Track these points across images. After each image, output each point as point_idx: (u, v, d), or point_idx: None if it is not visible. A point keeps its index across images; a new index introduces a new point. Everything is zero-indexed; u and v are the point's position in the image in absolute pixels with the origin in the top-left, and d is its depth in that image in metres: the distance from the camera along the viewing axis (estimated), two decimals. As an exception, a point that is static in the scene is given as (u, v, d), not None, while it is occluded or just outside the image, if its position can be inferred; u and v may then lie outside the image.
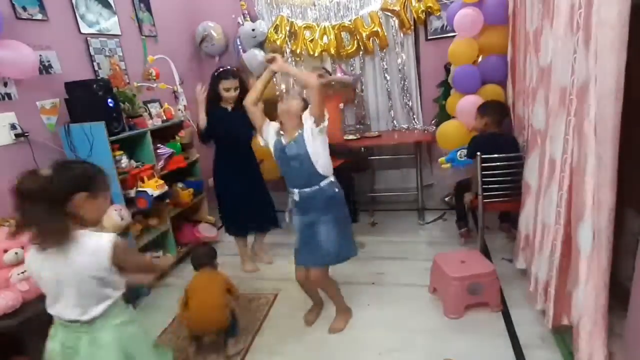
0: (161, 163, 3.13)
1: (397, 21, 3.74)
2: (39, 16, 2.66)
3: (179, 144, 3.37)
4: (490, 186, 2.69)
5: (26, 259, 1.34)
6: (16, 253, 2.06)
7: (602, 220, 1.57)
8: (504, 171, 2.62)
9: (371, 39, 3.81)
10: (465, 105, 3.11)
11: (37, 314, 2.03)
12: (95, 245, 1.23)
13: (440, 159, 3.16)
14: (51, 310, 1.33)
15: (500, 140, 2.72)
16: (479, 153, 2.65)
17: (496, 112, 2.80)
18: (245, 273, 3.11)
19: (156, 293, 2.94)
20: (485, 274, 2.29)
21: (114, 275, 1.29)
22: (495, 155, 2.64)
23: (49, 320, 1.38)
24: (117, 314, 1.34)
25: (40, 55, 2.61)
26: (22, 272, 2.07)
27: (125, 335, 1.34)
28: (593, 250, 1.61)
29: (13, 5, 2.49)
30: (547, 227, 2.00)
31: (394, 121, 4.03)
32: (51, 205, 1.19)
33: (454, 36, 3.39)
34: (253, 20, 3.99)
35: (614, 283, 1.68)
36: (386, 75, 3.93)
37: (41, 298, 2.09)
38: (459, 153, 2.92)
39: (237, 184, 2.92)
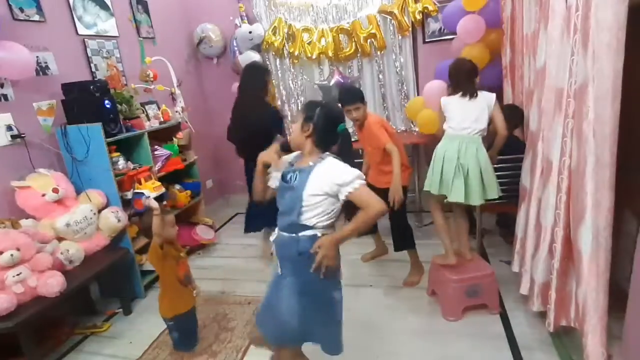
0: (158, 165, 3.12)
1: (394, 23, 3.75)
2: (36, 17, 2.65)
3: (176, 145, 3.36)
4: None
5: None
6: (12, 255, 2.05)
7: (600, 221, 1.57)
8: (503, 173, 2.61)
9: (369, 41, 3.82)
10: (430, 89, 3.25)
11: (33, 316, 2.03)
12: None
13: None
14: None
15: (512, 144, 2.71)
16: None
17: (509, 116, 2.78)
18: (242, 275, 3.10)
19: (152, 296, 2.92)
20: (484, 276, 2.29)
21: None
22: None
23: (44, 322, 1.37)
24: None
25: (37, 57, 2.61)
26: (18, 274, 2.06)
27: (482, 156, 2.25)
28: (592, 251, 1.61)
29: (10, 6, 2.49)
30: (544, 229, 2.00)
31: (391, 123, 4.03)
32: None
33: (451, 39, 3.41)
34: (251, 22, 4.00)
35: (612, 284, 1.68)
36: (384, 77, 3.94)
37: (37, 300, 2.10)
38: None
39: None
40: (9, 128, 2.43)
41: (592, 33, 1.47)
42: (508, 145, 2.70)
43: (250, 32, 3.87)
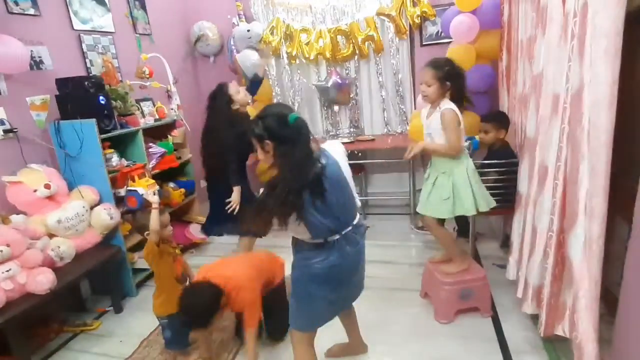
0: (153, 162, 3.10)
1: (392, 26, 3.75)
2: (31, 11, 2.63)
3: (171, 143, 3.35)
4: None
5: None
6: (1, 251, 2.02)
7: (593, 229, 1.57)
8: (500, 177, 2.62)
9: (366, 43, 3.82)
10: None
11: (22, 313, 2.00)
12: None
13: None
14: None
15: (504, 150, 2.72)
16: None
17: (500, 122, 2.81)
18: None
19: (144, 294, 2.90)
20: (476, 279, 2.30)
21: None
22: (489, 162, 2.65)
23: (34, 320, 1.36)
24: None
25: (31, 51, 2.58)
26: (7, 271, 2.03)
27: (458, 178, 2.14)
28: (584, 259, 1.61)
29: (5, -1, 2.46)
30: (538, 234, 2.01)
31: (388, 125, 4.04)
32: None
33: (448, 42, 3.43)
34: (249, 21, 3.98)
35: (603, 289, 1.68)
36: (381, 79, 3.94)
37: (26, 297, 2.07)
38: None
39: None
40: (1, 122, 2.41)
41: (588, 39, 1.48)
42: (501, 151, 2.72)
43: (248, 31, 3.86)
